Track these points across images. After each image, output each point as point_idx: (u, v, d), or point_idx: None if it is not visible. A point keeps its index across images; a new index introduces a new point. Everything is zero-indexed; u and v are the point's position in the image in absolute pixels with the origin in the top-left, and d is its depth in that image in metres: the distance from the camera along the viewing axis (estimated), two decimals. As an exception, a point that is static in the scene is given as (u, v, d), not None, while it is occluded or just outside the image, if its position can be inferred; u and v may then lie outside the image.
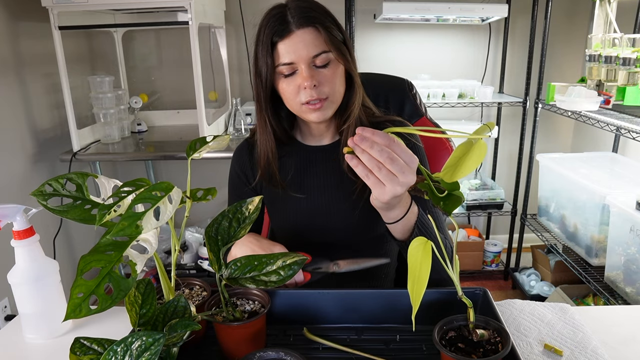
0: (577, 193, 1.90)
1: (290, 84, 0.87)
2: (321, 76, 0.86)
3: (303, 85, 0.85)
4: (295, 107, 0.89)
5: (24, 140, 1.95)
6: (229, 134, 1.78)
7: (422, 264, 0.61)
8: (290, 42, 0.84)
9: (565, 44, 2.49)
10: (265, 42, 0.86)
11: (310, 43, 0.84)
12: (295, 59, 0.85)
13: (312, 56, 0.85)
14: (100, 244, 0.57)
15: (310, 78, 0.84)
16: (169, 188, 0.60)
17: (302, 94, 0.86)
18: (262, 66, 0.88)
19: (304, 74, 0.85)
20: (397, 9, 2.11)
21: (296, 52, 0.84)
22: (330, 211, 0.99)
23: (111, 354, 0.54)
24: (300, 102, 0.87)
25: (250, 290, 0.77)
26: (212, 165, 2.55)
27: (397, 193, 0.68)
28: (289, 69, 0.86)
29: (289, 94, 0.88)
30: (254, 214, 0.73)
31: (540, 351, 0.77)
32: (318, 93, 0.86)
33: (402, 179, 0.67)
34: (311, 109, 0.88)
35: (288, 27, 0.84)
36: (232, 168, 1.08)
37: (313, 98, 0.86)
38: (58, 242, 2.06)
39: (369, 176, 0.68)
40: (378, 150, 0.65)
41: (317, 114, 0.89)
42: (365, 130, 0.66)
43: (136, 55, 2.48)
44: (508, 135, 2.62)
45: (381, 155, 0.65)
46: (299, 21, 0.84)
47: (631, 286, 1.63)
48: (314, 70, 0.86)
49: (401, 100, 1.16)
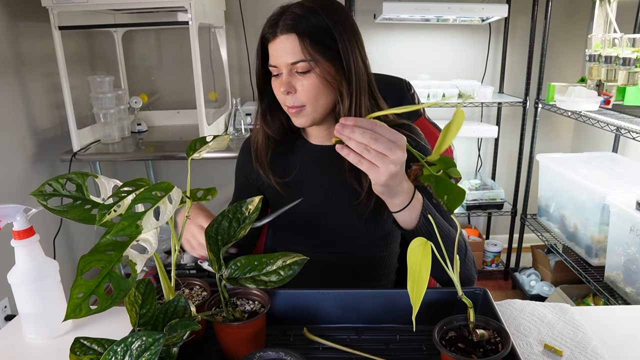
0: (577, 193, 1.90)
1: (276, 86, 0.89)
2: (299, 84, 0.86)
3: (278, 90, 0.87)
4: (284, 108, 0.91)
5: (24, 140, 1.95)
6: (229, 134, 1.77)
7: (422, 264, 0.61)
8: (274, 45, 0.86)
9: (565, 44, 2.49)
10: (260, 41, 0.89)
11: (289, 50, 0.84)
12: (278, 63, 0.86)
13: (289, 63, 0.85)
14: (100, 244, 0.57)
15: (285, 84, 0.85)
16: (169, 188, 0.61)
17: (282, 97, 0.89)
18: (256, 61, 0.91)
19: (282, 79, 0.86)
20: (397, 9, 2.11)
21: (278, 56, 0.85)
22: (331, 211, 0.99)
23: (111, 354, 0.54)
24: (284, 104, 0.90)
25: (250, 290, 0.77)
26: (212, 165, 2.55)
27: (391, 171, 0.68)
28: (275, 70, 0.87)
29: (277, 95, 0.90)
30: (254, 214, 0.73)
31: (540, 351, 0.77)
32: (293, 100, 0.87)
33: (391, 156, 0.67)
34: (291, 112, 0.90)
35: (274, 31, 0.85)
36: (237, 164, 1.11)
37: (290, 104, 0.88)
38: (58, 242, 2.06)
39: (361, 161, 0.68)
40: (360, 133, 0.66)
41: (296, 120, 0.91)
42: (347, 119, 0.67)
43: (136, 55, 2.49)
44: (508, 135, 2.62)
45: (364, 137, 0.66)
46: (284, 27, 0.84)
47: (631, 286, 1.63)
48: (294, 77, 0.86)
49: (399, 100, 1.16)
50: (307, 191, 0.99)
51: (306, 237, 1.02)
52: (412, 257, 0.62)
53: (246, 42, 2.43)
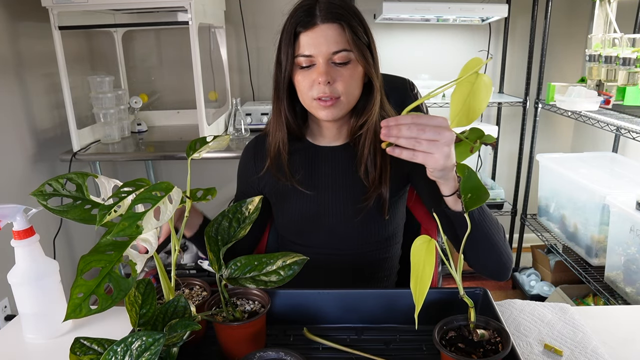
0: (577, 193, 1.90)
1: (306, 77, 0.87)
2: (337, 74, 0.86)
3: (318, 80, 0.85)
4: (307, 101, 0.90)
5: (24, 140, 1.95)
6: (229, 134, 1.78)
7: (426, 262, 0.61)
8: (313, 34, 0.84)
9: (565, 44, 2.49)
10: (289, 31, 0.86)
11: (332, 39, 0.84)
12: (315, 52, 0.85)
13: (331, 52, 0.85)
14: (100, 244, 0.57)
15: (325, 74, 0.85)
16: (169, 188, 0.61)
17: (315, 88, 0.87)
18: (283, 55, 0.88)
19: (321, 69, 0.85)
20: (397, 9, 2.11)
21: (317, 45, 0.84)
22: (337, 212, 0.98)
23: (111, 354, 0.54)
24: (313, 96, 0.87)
25: (250, 290, 0.77)
26: (212, 165, 2.55)
27: (446, 153, 0.69)
28: (307, 61, 0.86)
29: (303, 87, 0.88)
30: (254, 214, 0.73)
31: (540, 351, 0.77)
32: (331, 90, 0.86)
33: (442, 139, 0.68)
34: (322, 105, 0.88)
35: (313, 20, 0.84)
36: (239, 165, 1.08)
37: (325, 94, 0.86)
38: (58, 242, 2.06)
39: (415, 154, 0.70)
40: (407, 128, 0.68)
41: (327, 112, 0.89)
42: (389, 120, 0.69)
43: (136, 55, 2.48)
44: (508, 135, 2.62)
45: (412, 131, 0.68)
46: (326, 16, 0.84)
47: (631, 286, 1.63)
48: (331, 67, 0.86)
49: (402, 100, 1.16)
50: (314, 191, 0.99)
51: (309, 238, 1.02)
52: (416, 255, 0.62)
53: (246, 42, 2.43)
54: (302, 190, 0.98)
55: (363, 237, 0.99)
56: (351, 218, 0.98)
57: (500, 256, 0.85)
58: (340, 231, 0.99)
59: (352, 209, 0.98)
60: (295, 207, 1.01)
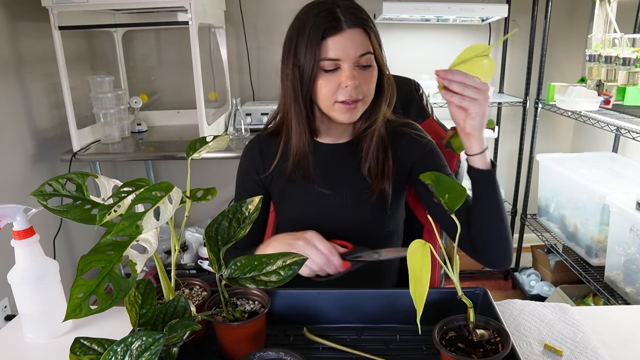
0: (577, 193, 1.90)
1: (330, 80, 0.87)
2: (362, 77, 0.88)
3: (345, 83, 0.86)
4: (328, 104, 0.90)
5: (24, 140, 1.95)
6: (229, 134, 1.78)
7: (422, 265, 0.61)
8: (341, 39, 0.85)
9: (565, 44, 2.49)
10: (314, 35, 0.86)
11: (358, 43, 0.86)
12: (342, 56, 0.86)
13: (358, 55, 0.87)
14: (100, 244, 0.57)
15: (353, 78, 0.86)
16: (169, 188, 0.60)
17: (341, 92, 0.88)
18: (305, 59, 0.87)
19: (348, 72, 0.86)
20: (397, 9, 2.11)
21: (345, 49, 0.86)
22: (341, 209, 0.99)
23: (111, 354, 0.54)
24: (336, 100, 0.88)
25: (250, 290, 0.77)
26: (212, 165, 2.55)
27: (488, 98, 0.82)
28: (332, 64, 0.87)
29: (326, 90, 0.88)
30: (254, 214, 0.73)
31: (540, 351, 0.77)
32: (357, 93, 0.88)
33: (484, 87, 0.80)
34: (345, 108, 0.89)
35: (339, 24, 0.85)
36: (241, 162, 1.08)
37: (352, 98, 0.88)
38: (58, 242, 2.06)
39: (463, 98, 0.80)
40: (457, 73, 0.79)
41: (348, 115, 0.90)
42: (439, 71, 0.79)
43: (136, 55, 2.48)
44: (508, 135, 2.62)
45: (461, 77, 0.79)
46: (352, 20, 0.86)
47: (631, 286, 1.63)
48: (356, 70, 0.88)
49: (407, 100, 1.16)
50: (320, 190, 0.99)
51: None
52: (412, 258, 0.62)
53: (246, 42, 2.43)
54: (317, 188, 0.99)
55: (365, 233, 1.00)
56: (354, 215, 0.99)
57: (507, 237, 0.89)
58: (343, 228, 0.99)
59: (355, 206, 0.99)
60: (299, 204, 1.01)
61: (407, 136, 1.01)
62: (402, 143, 1.01)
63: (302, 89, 0.89)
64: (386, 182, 0.97)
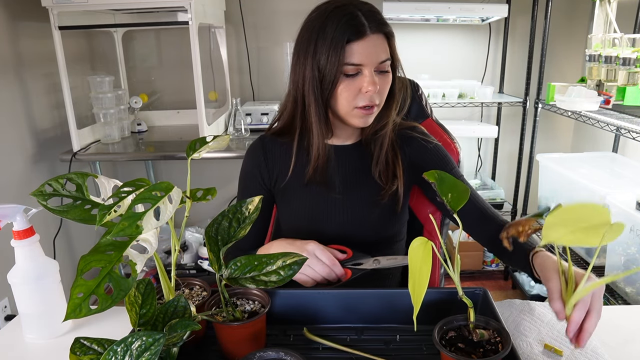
0: (577, 193, 1.90)
1: (351, 85, 0.87)
2: (381, 82, 0.88)
3: (366, 89, 0.86)
4: (347, 108, 0.90)
5: (24, 140, 1.95)
6: (229, 134, 1.78)
7: (423, 264, 0.61)
8: (365, 44, 0.85)
9: (565, 44, 2.49)
10: (338, 39, 0.85)
11: (380, 48, 0.87)
12: (365, 62, 0.86)
13: (379, 61, 0.87)
14: (100, 244, 0.57)
15: (375, 84, 0.86)
16: (169, 188, 0.60)
17: (361, 97, 0.88)
18: (328, 62, 0.86)
19: (369, 78, 0.86)
20: (397, 9, 2.11)
21: (368, 55, 0.85)
22: (349, 209, 1.00)
23: (111, 354, 0.54)
24: (356, 105, 0.89)
25: (250, 290, 0.77)
26: (212, 165, 2.55)
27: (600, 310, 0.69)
28: (354, 69, 0.86)
29: (347, 95, 0.88)
30: (254, 214, 0.73)
31: (540, 351, 0.77)
32: (376, 98, 0.89)
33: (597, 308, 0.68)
34: (364, 113, 0.90)
35: (363, 29, 0.85)
36: (245, 166, 1.06)
37: (371, 103, 0.88)
38: (58, 242, 2.06)
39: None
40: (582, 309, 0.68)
41: (365, 120, 0.91)
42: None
43: (136, 55, 2.48)
44: (508, 135, 2.62)
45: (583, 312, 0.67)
46: (376, 26, 0.86)
47: (631, 286, 1.63)
48: (376, 76, 0.88)
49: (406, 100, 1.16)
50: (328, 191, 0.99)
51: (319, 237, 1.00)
52: (413, 257, 0.62)
53: (246, 42, 2.43)
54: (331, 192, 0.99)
55: (374, 234, 1.01)
56: (365, 216, 0.99)
57: None
58: (351, 229, 1.00)
59: (366, 208, 0.99)
60: (307, 205, 1.01)
61: (415, 140, 1.02)
62: (411, 146, 1.02)
63: (323, 92, 0.89)
64: (398, 181, 0.98)
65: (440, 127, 1.18)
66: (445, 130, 1.18)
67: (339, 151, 1.01)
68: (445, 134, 1.17)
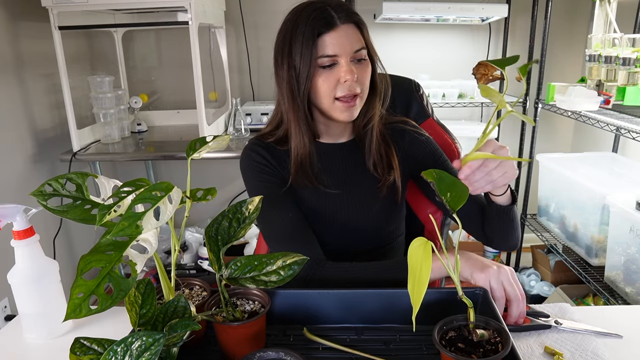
0: (577, 193, 1.90)
1: (329, 77, 0.88)
2: (359, 70, 0.89)
3: (344, 78, 0.87)
4: (328, 102, 0.90)
5: (24, 140, 1.95)
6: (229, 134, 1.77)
7: (423, 264, 0.60)
8: (336, 35, 0.87)
9: (565, 44, 2.49)
10: (308, 34, 0.86)
11: (352, 38, 0.88)
12: (339, 52, 0.87)
13: (354, 50, 0.88)
14: (100, 244, 0.57)
15: (352, 71, 0.87)
16: (169, 188, 0.60)
17: (340, 87, 0.88)
18: (301, 58, 0.87)
19: (346, 67, 0.87)
20: (397, 9, 2.11)
21: (341, 45, 0.87)
22: (351, 207, 1.00)
23: (111, 354, 0.54)
24: (335, 96, 0.89)
25: (250, 290, 0.77)
26: (212, 165, 2.55)
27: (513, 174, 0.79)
28: (329, 61, 0.87)
29: (326, 88, 0.89)
30: (254, 214, 0.73)
31: (541, 353, 0.77)
32: (355, 87, 0.89)
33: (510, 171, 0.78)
34: (345, 106, 0.90)
35: (333, 21, 0.86)
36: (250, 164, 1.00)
37: (350, 93, 0.88)
38: (58, 242, 2.06)
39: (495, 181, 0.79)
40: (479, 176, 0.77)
41: (348, 113, 0.91)
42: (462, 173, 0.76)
43: (136, 55, 2.48)
44: (508, 135, 2.62)
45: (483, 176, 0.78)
46: (345, 17, 0.87)
47: (631, 286, 1.63)
48: (353, 65, 0.89)
49: (407, 100, 1.16)
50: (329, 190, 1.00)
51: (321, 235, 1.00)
52: (413, 256, 0.62)
53: (246, 42, 2.43)
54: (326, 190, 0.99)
55: (374, 228, 1.01)
56: (367, 211, 1.00)
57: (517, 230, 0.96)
58: (354, 224, 1.00)
59: (368, 202, 1.00)
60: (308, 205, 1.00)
61: (407, 132, 1.03)
62: (404, 139, 1.03)
63: (300, 89, 0.89)
64: (394, 172, 0.99)
65: (441, 127, 1.18)
66: (446, 130, 1.18)
67: (333, 149, 1.01)
68: (446, 133, 1.17)
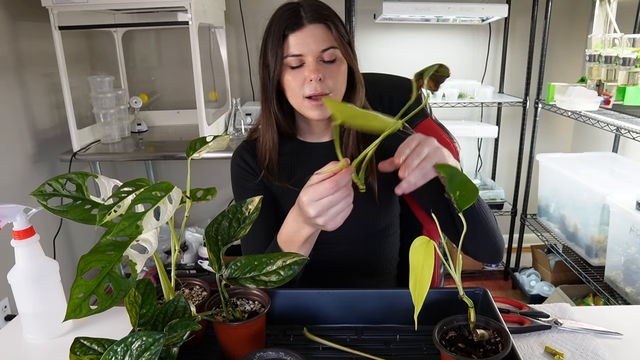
0: (577, 193, 1.90)
1: (296, 76, 0.89)
2: (327, 71, 0.89)
3: (309, 77, 0.88)
4: (298, 100, 0.91)
5: (24, 140, 1.95)
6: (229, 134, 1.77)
7: (425, 263, 0.60)
8: (302, 34, 0.87)
9: (565, 44, 2.49)
10: (277, 34, 0.89)
11: (320, 38, 0.88)
12: (305, 52, 0.88)
13: (320, 50, 0.88)
14: (100, 244, 0.57)
15: (316, 71, 0.87)
16: (169, 188, 0.60)
17: (307, 86, 0.89)
18: (271, 57, 0.91)
19: (311, 66, 0.87)
20: (397, 9, 2.11)
21: (306, 45, 0.87)
22: None
23: (111, 354, 0.54)
24: (304, 95, 0.89)
25: (250, 290, 0.77)
26: (212, 165, 2.55)
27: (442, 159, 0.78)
28: (296, 60, 0.88)
29: (294, 86, 0.90)
30: (254, 214, 0.73)
31: (541, 353, 0.77)
32: (322, 87, 0.88)
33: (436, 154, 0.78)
34: (313, 105, 0.90)
35: (300, 21, 0.87)
36: (234, 169, 1.08)
37: (317, 92, 0.88)
38: (58, 242, 2.06)
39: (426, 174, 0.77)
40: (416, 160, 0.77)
41: (318, 112, 0.91)
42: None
43: (136, 55, 2.48)
44: (508, 135, 2.62)
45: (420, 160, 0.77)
46: (312, 16, 0.88)
47: (631, 286, 1.63)
48: (321, 65, 0.89)
49: (406, 100, 1.16)
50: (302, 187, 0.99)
51: None
52: (414, 256, 0.61)
53: (246, 42, 2.43)
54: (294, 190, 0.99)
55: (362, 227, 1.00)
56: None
57: (495, 239, 0.92)
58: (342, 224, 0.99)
59: None
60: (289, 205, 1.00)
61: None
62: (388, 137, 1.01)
63: (270, 87, 0.93)
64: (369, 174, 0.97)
65: (439, 127, 1.18)
66: (444, 129, 1.18)
67: (315, 148, 1.02)
68: (445, 133, 1.17)
